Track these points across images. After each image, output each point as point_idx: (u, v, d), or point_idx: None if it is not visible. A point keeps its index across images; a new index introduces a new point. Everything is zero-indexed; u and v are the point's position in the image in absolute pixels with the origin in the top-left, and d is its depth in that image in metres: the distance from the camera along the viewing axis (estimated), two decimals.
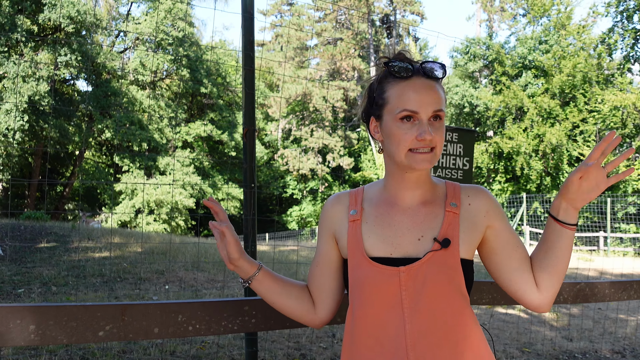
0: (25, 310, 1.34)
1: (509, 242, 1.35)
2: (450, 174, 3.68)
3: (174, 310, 1.50)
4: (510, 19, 30.04)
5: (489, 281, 2.16)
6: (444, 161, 3.63)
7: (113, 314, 1.43)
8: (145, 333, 1.47)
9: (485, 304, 2.16)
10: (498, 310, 6.65)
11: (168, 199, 28.25)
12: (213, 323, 1.55)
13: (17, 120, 23.88)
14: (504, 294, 2.20)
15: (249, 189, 3.02)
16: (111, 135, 28.97)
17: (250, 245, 3.03)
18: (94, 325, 1.41)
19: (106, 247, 8.97)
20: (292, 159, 33.98)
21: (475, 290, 2.13)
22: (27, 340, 1.34)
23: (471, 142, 3.76)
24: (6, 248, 8.47)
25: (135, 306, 1.46)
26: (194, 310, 1.53)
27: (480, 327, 1.34)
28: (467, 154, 3.74)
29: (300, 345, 4.49)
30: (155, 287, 6.51)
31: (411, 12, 37.04)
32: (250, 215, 3.01)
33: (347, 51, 33.75)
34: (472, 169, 3.75)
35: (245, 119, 3.05)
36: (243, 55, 3.01)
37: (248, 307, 1.60)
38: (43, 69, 25.42)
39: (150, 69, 31.35)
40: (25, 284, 6.27)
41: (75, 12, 25.31)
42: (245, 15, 3.00)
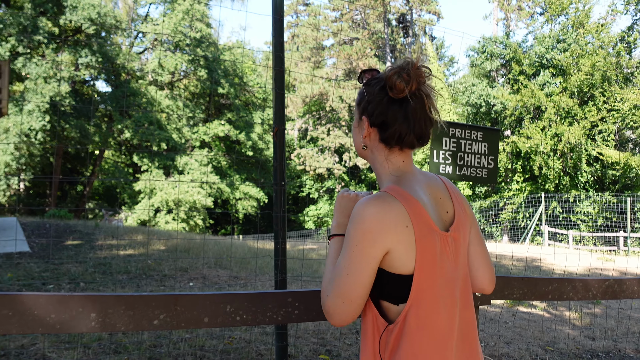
0: (87, 299, 1.43)
1: None
2: (475, 173, 3.73)
3: (222, 300, 1.58)
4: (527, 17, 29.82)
5: (519, 276, 2.21)
6: (468, 160, 3.68)
7: (167, 304, 1.51)
8: (196, 322, 1.55)
9: (517, 298, 2.21)
10: (520, 310, 6.66)
11: (186, 198, 28.51)
12: (259, 314, 1.63)
13: (39, 121, 24.26)
14: (534, 289, 2.25)
15: (279, 187, 3.09)
16: (130, 135, 29.30)
17: (281, 241, 3.10)
18: (149, 314, 1.49)
19: (130, 244, 9.12)
20: (308, 159, 34.07)
21: (506, 285, 2.18)
22: (88, 327, 1.43)
23: (496, 141, 3.80)
24: (34, 245, 8.65)
25: (186, 296, 1.53)
26: (241, 301, 1.60)
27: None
28: (492, 152, 3.78)
29: (326, 341, 4.56)
30: (179, 284, 6.62)
31: (427, 12, 36.94)
32: (280, 212, 3.09)
33: (363, 51, 33.75)
34: (497, 168, 3.79)
35: (275, 118, 3.12)
36: (273, 57, 3.09)
37: (291, 298, 1.67)
38: (64, 70, 25.80)
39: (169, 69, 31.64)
40: (54, 280, 6.41)
41: (95, 14, 25.66)
42: (276, 17, 3.08)
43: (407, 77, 1.35)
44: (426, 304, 1.31)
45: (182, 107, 32.67)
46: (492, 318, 5.94)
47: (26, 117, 24.11)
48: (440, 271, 1.33)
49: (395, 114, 1.38)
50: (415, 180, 1.43)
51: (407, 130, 1.38)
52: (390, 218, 1.28)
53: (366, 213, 1.29)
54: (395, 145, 1.42)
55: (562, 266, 10.97)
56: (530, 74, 25.56)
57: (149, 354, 3.91)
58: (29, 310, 1.37)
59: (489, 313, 6.23)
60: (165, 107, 31.48)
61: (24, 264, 7.15)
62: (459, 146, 3.66)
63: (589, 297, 2.36)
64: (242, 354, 4.03)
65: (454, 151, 3.65)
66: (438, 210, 1.41)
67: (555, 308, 6.93)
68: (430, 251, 1.32)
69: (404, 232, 1.29)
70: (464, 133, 3.68)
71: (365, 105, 1.43)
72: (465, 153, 3.68)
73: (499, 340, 5.03)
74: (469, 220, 1.50)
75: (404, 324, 1.30)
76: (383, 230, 1.28)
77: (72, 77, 26.64)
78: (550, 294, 2.29)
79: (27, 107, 24.14)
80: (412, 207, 1.32)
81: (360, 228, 1.29)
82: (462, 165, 3.68)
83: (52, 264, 7.16)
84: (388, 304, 1.34)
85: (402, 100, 1.38)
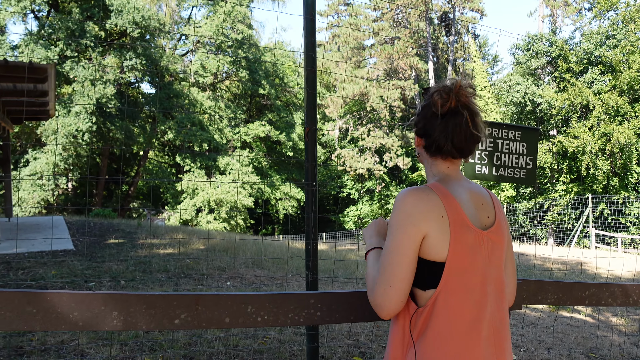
0: (109, 298, 1.44)
1: None
2: (512, 173, 3.63)
3: (244, 301, 1.57)
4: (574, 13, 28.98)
5: (553, 281, 2.13)
6: (506, 160, 3.58)
7: (188, 303, 1.51)
8: (217, 322, 1.54)
9: (550, 303, 2.13)
10: (562, 314, 6.47)
11: (228, 198, 28.88)
12: (280, 315, 1.61)
13: (85, 122, 24.98)
14: (570, 294, 2.17)
15: (310, 187, 3.08)
16: (173, 136, 29.86)
17: (312, 242, 3.09)
18: (171, 313, 1.49)
19: (170, 243, 9.28)
20: (349, 159, 34.00)
21: (539, 289, 2.11)
22: (110, 325, 1.44)
23: (534, 141, 3.69)
24: (78, 243, 8.90)
25: (207, 296, 1.53)
26: (262, 302, 1.59)
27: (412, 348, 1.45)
28: (531, 152, 3.67)
29: (360, 343, 4.52)
30: (217, 283, 6.68)
31: (470, 9, 36.36)
32: (312, 213, 3.07)
33: (404, 50, 33.47)
34: (535, 168, 3.68)
35: (307, 118, 3.11)
36: (305, 56, 3.07)
37: (314, 300, 1.65)
38: (110, 73, 26.49)
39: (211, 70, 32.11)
40: (96, 278, 6.57)
41: (140, 17, 26.24)
42: (307, 17, 3.06)
43: (445, 95, 1.50)
44: (455, 291, 1.40)
45: (223, 108, 33.11)
46: (533, 322, 5.78)
47: (73, 119, 24.86)
48: (471, 264, 1.43)
49: (434, 127, 1.53)
50: (458, 184, 1.55)
51: (444, 142, 1.52)
52: (428, 206, 1.42)
53: (407, 199, 1.44)
54: (436, 154, 1.57)
55: (608, 270, 10.61)
56: (578, 72, 24.86)
57: (183, 352, 3.95)
58: (52, 308, 1.40)
59: (529, 317, 6.07)
60: (207, 108, 31.97)
61: (68, 261, 7.35)
62: (496, 146, 3.57)
63: (629, 303, 2.26)
64: (275, 354, 4.03)
65: (491, 151, 3.56)
66: (478, 213, 1.52)
67: (600, 313, 6.70)
68: (464, 243, 1.42)
69: (440, 220, 1.41)
70: (500, 132, 3.59)
71: (417, 118, 1.61)
72: (502, 153, 3.59)
73: (539, 345, 4.89)
74: (507, 232, 1.61)
75: (432, 308, 1.40)
76: (422, 215, 1.41)
77: (118, 79, 27.33)
78: (587, 300, 2.20)
79: (74, 109, 24.88)
80: (448, 201, 1.45)
81: (402, 211, 1.43)
82: (499, 166, 3.58)
83: (94, 262, 7.34)
84: (417, 289, 1.45)
85: (444, 115, 1.51)
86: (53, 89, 10.09)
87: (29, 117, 13.22)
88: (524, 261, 10.81)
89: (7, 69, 8.45)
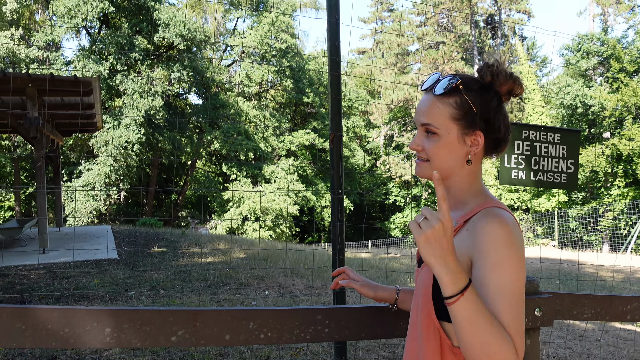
0: (102, 313, 1.38)
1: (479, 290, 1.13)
2: (552, 178, 3.43)
3: (245, 317, 1.49)
4: (627, 11, 27.92)
5: (591, 294, 1.97)
6: (545, 164, 3.40)
7: (185, 320, 1.44)
8: (216, 339, 1.47)
9: (587, 319, 1.97)
10: (614, 325, 6.13)
11: (273, 206, 29.03)
12: (285, 332, 1.52)
13: (135, 134, 25.64)
14: (609, 309, 2.00)
15: (336, 195, 2.99)
16: (220, 146, 30.29)
17: (338, 252, 2.99)
18: (167, 330, 1.43)
19: (212, 252, 9.34)
20: (394, 166, 33.70)
21: (575, 304, 1.94)
22: (102, 342, 1.38)
23: (576, 143, 3.49)
24: (122, 252, 9.06)
25: (207, 312, 1.46)
26: (266, 318, 1.50)
27: None
28: (572, 156, 3.47)
29: (396, 355, 4.38)
30: (255, 292, 6.66)
31: (517, 11, 35.59)
32: (338, 222, 2.98)
33: (449, 54, 33.01)
34: (577, 173, 3.47)
35: (332, 124, 3.02)
36: (329, 60, 2.99)
37: (321, 316, 1.55)
38: (158, 85, 27.13)
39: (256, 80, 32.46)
40: (137, 287, 6.65)
41: (186, 30, 26.80)
42: (331, 20, 2.98)
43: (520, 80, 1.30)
44: None
45: (268, 117, 33.39)
46: (582, 335, 5.49)
47: (123, 131, 25.55)
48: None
49: (503, 120, 1.30)
50: None
51: (508, 135, 1.31)
52: (521, 236, 1.19)
53: (511, 227, 1.15)
54: (492, 154, 1.33)
55: None
56: (632, 72, 23.88)
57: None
58: (42, 324, 1.35)
59: (577, 329, 5.77)
60: (253, 117, 32.32)
61: (111, 270, 7.48)
62: (534, 149, 3.39)
63: None
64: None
65: (528, 155, 3.38)
66: None
67: None
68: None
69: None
70: (538, 135, 3.40)
71: (479, 118, 1.26)
72: (540, 157, 3.40)
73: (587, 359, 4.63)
74: None
75: None
76: (523, 246, 1.18)
77: (165, 91, 27.97)
78: (629, 314, 2.02)
79: (124, 121, 25.58)
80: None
81: (515, 243, 1.13)
82: (538, 170, 3.40)
83: (136, 271, 7.44)
84: (449, 325, 1.21)
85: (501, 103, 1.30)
86: (98, 102, 10.36)
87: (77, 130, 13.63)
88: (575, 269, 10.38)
89: (53, 83, 8.72)
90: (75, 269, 7.67)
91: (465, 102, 1.26)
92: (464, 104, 1.26)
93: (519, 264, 1.12)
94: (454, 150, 1.28)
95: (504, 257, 1.12)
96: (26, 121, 8.79)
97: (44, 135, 9.68)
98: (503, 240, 1.13)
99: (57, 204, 14.04)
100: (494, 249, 1.12)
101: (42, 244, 9.09)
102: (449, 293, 1.05)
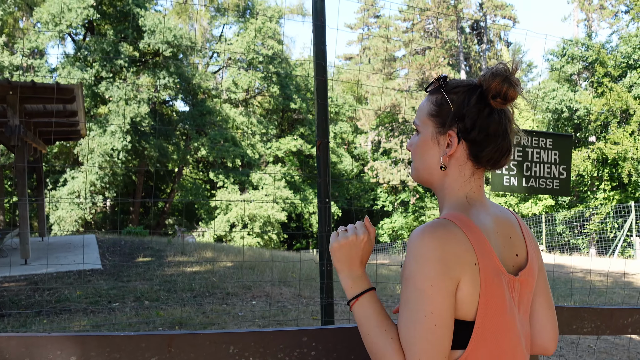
0: (67, 340, 1.27)
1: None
2: (545, 184, 3.36)
3: (225, 341, 1.37)
4: (611, 16, 28.17)
5: (591, 307, 1.88)
6: (537, 170, 3.32)
7: (159, 345, 1.32)
8: None
9: (587, 333, 1.88)
10: None
11: (261, 213, 28.85)
12: (268, 356, 1.41)
13: (120, 141, 25.39)
14: (609, 322, 1.91)
15: (323, 204, 2.88)
16: (207, 152, 30.09)
17: (326, 263, 2.88)
18: (139, 356, 1.31)
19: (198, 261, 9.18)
20: (382, 171, 33.66)
21: (574, 317, 1.86)
22: None
23: (568, 149, 3.42)
24: (106, 262, 8.88)
25: (182, 336, 1.34)
26: (247, 342, 1.39)
27: None
28: (564, 161, 3.40)
29: None
30: (242, 302, 6.52)
31: (502, 17, 35.82)
32: (326, 232, 2.87)
33: (436, 60, 33.10)
34: (569, 178, 3.40)
35: (318, 131, 2.92)
36: (315, 65, 2.90)
37: (307, 337, 1.44)
38: (144, 92, 26.92)
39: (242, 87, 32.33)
40: (120, 298, 6.48)
41: (172, 36, 26.62)
42: (317, 23, 2.89)
43: (515, 83, 1.16)
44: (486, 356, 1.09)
45: (255, 123, 33.25)
46: (574, 341, 5.42)
47: (109, 138, 25.29)
48: (505, 324, 1.12)
49: (497, 128, 1.18)
50: (485, 211, 1.21)
51: (507, 147, 1.20)
52: (458, 249, 1.07)
53: (433, 241, 1.06)
54: (486, 165, 1.21)
55: None
56: (616, 76, 24.05)
57: None
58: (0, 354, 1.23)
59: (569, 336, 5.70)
60: (240, 124, 32.16)
61: (94, 281, 7.31)
62: (525, 155, 3.31)
63: None
64: None
65: (520, 161, 3.30)
66: (507, 251, 1.19)
67: None
68: (497, 297, 1.10)
69: (470, 268, 1.07)
70: (530, 140, 3.33)
71: (453, 117, 1.19)
72: (532, 162, 3.32)
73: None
74: (540, 264, 1.30)
75: None
76: (451, 262, 1.05)
77: (152, 98, 27.75)
78: (630, 327, 1.94)
79: (109, 129, 25.32)
80: (477, 240, 1.10)
81: (430, 258, 1.05)
82: (530, 177, 3.32)
83: (120, 282, 7.28)
84: None
85: (500, 110, 1.19)
86: (82, 109, 10.19)
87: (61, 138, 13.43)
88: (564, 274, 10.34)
89: (35, 91, 8.56)
90: (57, 280, 7.48)
91: (443, 100, 1.21)
92: (442, 102, 1.21)
93: (428, 282, 1.04)
94: (428, 149, 1.23)
95: (413, 271, 1.07)
96: (7, 129, 8.60)
97: (25, 144, 9.48)
98: (416, 254, 1.07)
99: (40, 213, 13.79)
100: (407, 262, 1.09)
101: (24, 254, 8.89)
102: (348, 297, 1.20)
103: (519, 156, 3.29)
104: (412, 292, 1.06)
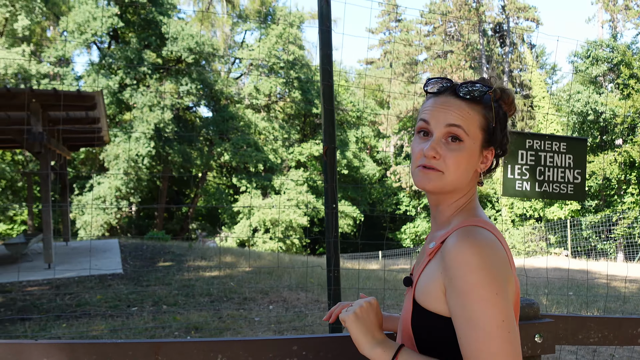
0: (54, 348, 1.27)
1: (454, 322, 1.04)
2: (559, 189, 3.29)
3: (213, 349, 1.37)
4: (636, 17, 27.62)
5: (597, 316, 1.83)
6: (550, 174, 3.25)
7: (146, 353, 1.32)
8: None
9: (594, 343, 1.83)
10: None
11: (283, 218, 28.93)
12: None
13: (145, 147, 25.71)
14: (617, 332, 1.85)
15: (331, 210, 2.86)
16: (229, 158, 30.29)
17: (333, 269, 2.86)
18: None
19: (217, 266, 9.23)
20: (404, 175, 33.50)
21: (580, 327, 1.81)
22: None
23: (583, 153, 3.35)
24: (127, 267, 8.98)
25: (170, 344, 1.34)
26: (236, 350, 1.38)
27: None
28: (579, 165, 3.32)
29: None
30: (259, 307, 6.53)
31: (525, 19, 35.36)
32: (332, 238, 2.85)
33: (457, 63, 32.86)
34: (584, 183, 3.32)
35: (325, 136, 2.91)
36: (320, 70, 2.89)
37: (297, 346, 1.43)
38: (167, 98, 27.23)
39: (264, 92, 32.50)
40: (139, 303, 6.54)
41: (194, 43, 26.91)
42: (322, 28, 2.88)
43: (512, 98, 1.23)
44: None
45: (277, 128, 33.39)
46: (595, 350, 5.29)
47: (134, 144, 25.63)
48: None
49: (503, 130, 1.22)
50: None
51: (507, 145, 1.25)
52: (502, 254, 1.05)
53: (484, 251, 1.02)
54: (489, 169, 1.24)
55: None
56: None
57: None
58: None
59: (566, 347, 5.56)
60: (262, 129, 32.32)
61: (115, 285, 7.39)
62: (538, 159, 3.25)
63: None
64: None
65: (532, 165, 3.24)
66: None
67: None
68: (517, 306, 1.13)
69: (510, 272, 1.06)
70: (543, 144, 3.26)
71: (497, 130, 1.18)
72: (545, 167, 3.26)
73: None
74: None
75: None
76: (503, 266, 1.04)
77: (175, 104, 28.05)
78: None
79: (134, 135, 25.67)
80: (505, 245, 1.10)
81: (485, 269, 1.00)
82: (543, 181, 3.26)
83: (140, 286, 7.35)
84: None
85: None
86: (104, 116, 10.34)
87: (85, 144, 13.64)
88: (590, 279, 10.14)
89: (57, 98, 8.71)
90: (78, 284, 7.59)
91: (490, 113, 1.17)
92: (489, 115, 1.17)
93: (493, 290, 0.99)
94: (473, 161, 1.17)
95: (472, 283, 1.00)
96: (30, 136, 8.77)
97: (49, 150, 9.66)
98: (471, 264, 1.01)
99: (65, 218, 14.02)
100: (460, 275, 1.01)
101: (47, 259, 9.04)
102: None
103: (531, 160, 3.23)
104: (477, 305, 1.00)
